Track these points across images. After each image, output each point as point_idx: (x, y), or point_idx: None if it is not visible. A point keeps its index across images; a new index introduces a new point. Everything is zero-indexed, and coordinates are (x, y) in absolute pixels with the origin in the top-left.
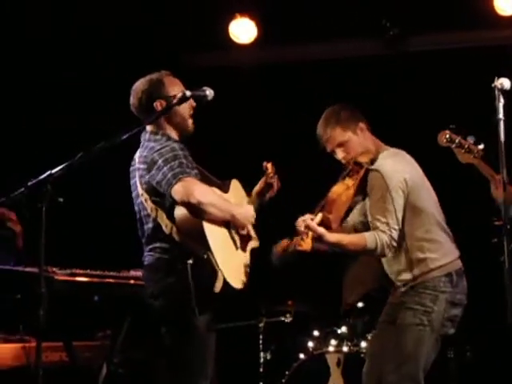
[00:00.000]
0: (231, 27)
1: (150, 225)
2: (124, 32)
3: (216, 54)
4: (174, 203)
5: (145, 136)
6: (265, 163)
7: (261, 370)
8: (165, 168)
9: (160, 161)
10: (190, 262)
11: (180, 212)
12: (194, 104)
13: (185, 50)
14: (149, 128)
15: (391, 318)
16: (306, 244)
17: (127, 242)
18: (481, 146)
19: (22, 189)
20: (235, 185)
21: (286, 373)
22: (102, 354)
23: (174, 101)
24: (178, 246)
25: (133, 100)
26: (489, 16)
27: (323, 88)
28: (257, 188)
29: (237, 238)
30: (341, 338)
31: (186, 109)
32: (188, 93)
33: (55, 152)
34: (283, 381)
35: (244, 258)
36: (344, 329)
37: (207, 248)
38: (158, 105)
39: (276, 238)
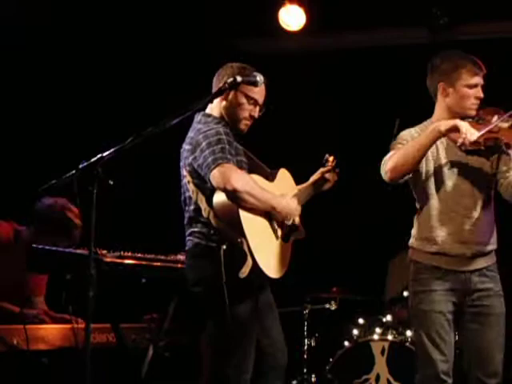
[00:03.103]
0: (280, 14)
1: (192, 207)
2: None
3: (265, 41)
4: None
5: (197, 118)
6: (327, 156)
7: (305, 356)
8: (207, 151)
9: (204, 143)
10: (224, 247)
11: (218, 197)
12: (256, 114)
13: (235, 37)
14: (207, 110)
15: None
16: None
17: (175, 226)
18: None
19: (73, 171)
20: (283, 174)
21: (330, 360)
22: (148, 336)
23: (226, 85)
24: (215, 231)
25: (216, 76)
26: None
27: (372, 75)
28: (313, 178)
29: (278, 228)
30: (386, 327)
31: (244, 110)
32: (239, 78)
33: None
34: (327, 368)
35: (284, 248)
36: (389, 317)
37: (241, 234)
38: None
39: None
